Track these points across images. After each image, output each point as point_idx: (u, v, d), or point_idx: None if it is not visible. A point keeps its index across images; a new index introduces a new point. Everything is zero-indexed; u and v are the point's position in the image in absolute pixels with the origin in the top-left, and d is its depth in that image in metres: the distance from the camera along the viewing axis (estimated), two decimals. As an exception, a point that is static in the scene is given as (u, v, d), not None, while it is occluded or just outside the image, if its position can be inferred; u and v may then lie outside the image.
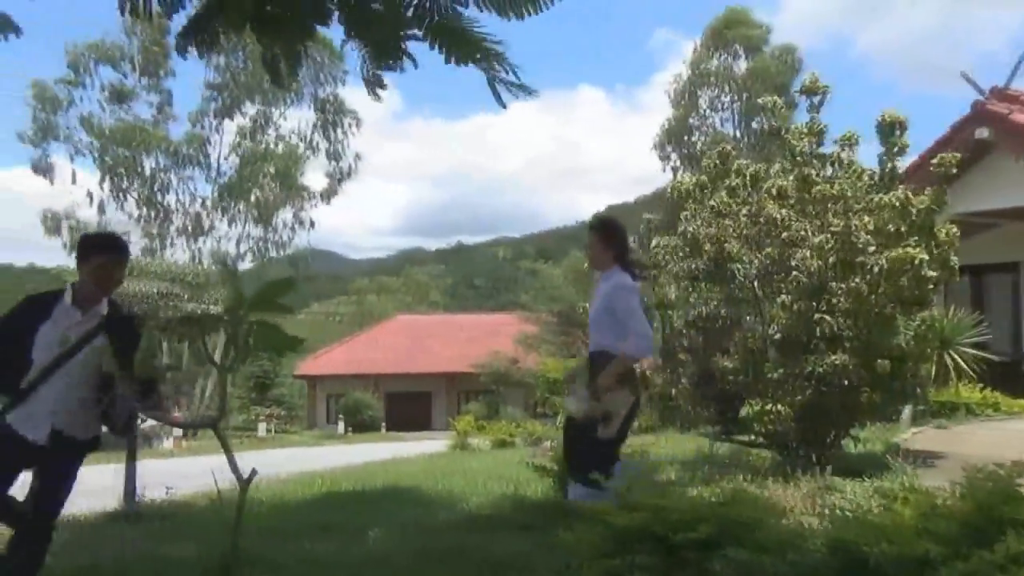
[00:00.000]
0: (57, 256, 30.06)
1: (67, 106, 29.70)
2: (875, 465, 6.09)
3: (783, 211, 6.67)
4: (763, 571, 2.53)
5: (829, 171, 6.88)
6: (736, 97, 31.35)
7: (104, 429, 3.56)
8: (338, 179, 32.92)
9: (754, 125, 29.72)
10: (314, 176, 35.73)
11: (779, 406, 6.34)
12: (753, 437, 7.26)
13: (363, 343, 37.30)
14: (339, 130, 32.04)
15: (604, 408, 3.81)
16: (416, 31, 3.08)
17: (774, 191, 6.68)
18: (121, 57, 30.18)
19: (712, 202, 6.97)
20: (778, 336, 6.52)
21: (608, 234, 4.15)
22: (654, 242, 7.55)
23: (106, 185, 30.03)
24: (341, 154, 32.31)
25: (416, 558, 3.86)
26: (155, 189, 30.46)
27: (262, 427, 28.91)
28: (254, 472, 4.08)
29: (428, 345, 36.63)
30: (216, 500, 6.13)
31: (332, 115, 31.56)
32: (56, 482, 3.47)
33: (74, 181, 29.96)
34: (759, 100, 7.80)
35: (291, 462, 11.95)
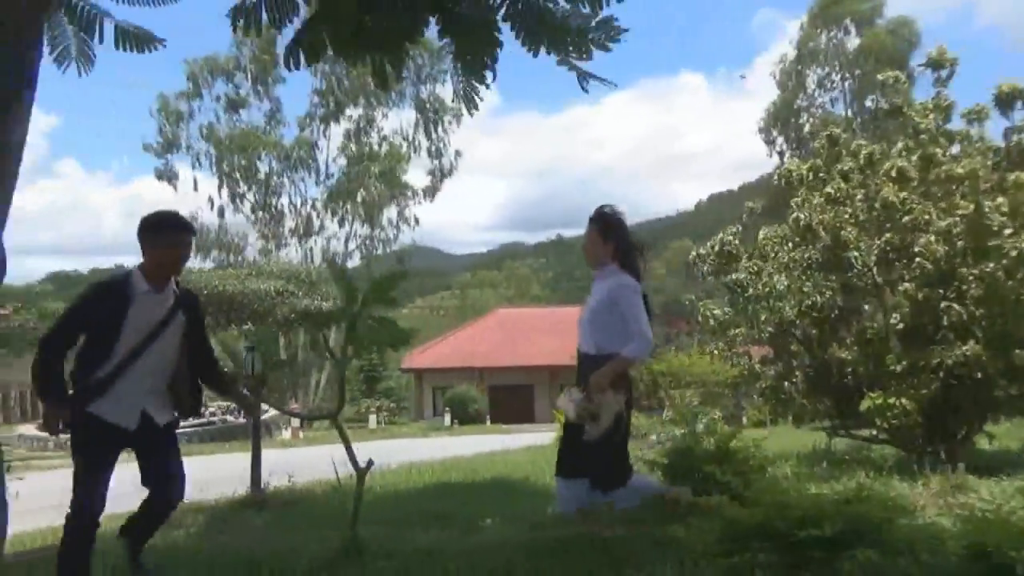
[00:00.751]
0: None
1: (187, 117, 31.61)
2: (1012, 464, 5.67)
3: (902, 194, 6.30)
4: (896, 573, 2.41)
5: (955, 149, 6.45)
6: (847, 75, 29.83)
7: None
8: (439, 177, 33.57)
9: (867, 104, 28.22)
10: (416, 174, 36.63)
11: (903, 400, 6.02)
12: (874, 432, 6.92)
13: (466, 336, 37.89)
14: (439, 128, 32.65)
15: (595, 409, 3.69)
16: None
17: (893, 173, 6.33)
18: (235, 67, 31.84)
19: (829, 189, 6.67)
20: (901, 326, 6.18)
21: (607, 229, 3.95)
22: (761, 233, 7.32)
23: (224, 191, 31.79)
24: (442, 152, 32.93)
25: (528, 550, 3.87)
26: (269, 192, 31.98)
27: (372, 419, 29.94)
28: (371, 463, 4.24)
29: (530, 338, 36.80)
30: (335, 488, 6.41)
31: (432, 114, 32.20)
32: (170, 456, 3.54)
33: (196, 188, 31.88)
34: (878, 76, 7.39)
35: (401, 453, 12.29)
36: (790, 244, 6.98)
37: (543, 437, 16.35)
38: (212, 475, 3.93)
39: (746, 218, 7.95)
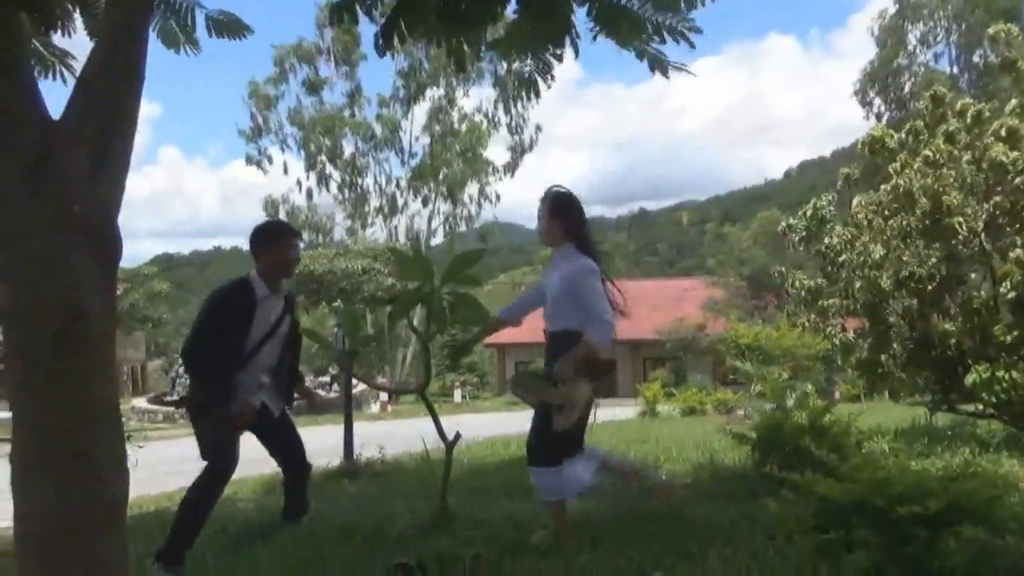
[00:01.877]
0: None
1: (275, 101, 32.59)
2: None
3: (1014, 154, 5.89)
4: (1005, 552, 2.29)
5: (1075, 104, 5.98)
6: (952, 29, 27.98)
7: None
8: (519, 152, 33.54)
9: (975, 59, 26.42)
10: (497, 151, 36.74)
11: (1013, 373, 5.68)
12: (980, 407, 6.57)
13: (548, 312, 37.93)
14: (519, 104, 32.56)
15: (563, 396, 3.49)
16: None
17: (1003, 132, 5.92)
18: (317, 52, 32.56)
19: (928, 152, 6.30)
20: (1012, 295, 5.81)
21: (557, 208, 3.75)
22: (855, 201, 6.99)
23: (312, 173, 32.72)
24: (521, 127, 32.87)
25: (615, 523, 3.89)
26: (355, 173, 32.73)
27: (457, 393, 30.48)
28: (458, 435, 4.32)
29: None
30: (424, 460, 6.58)
31: (511, 90, 32.12)
32: (288, 435, 4.08)
33: (286, 172, 32.95)
34: (987, 30, 6.87)
35: (485, 427, 12.48)
36: (887, 212, 6.64)
37: (626, 412, 16.28)
38: (306, 447, 4.15)
39: (841, 185, 7.58)
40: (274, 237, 3.87)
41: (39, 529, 1.99)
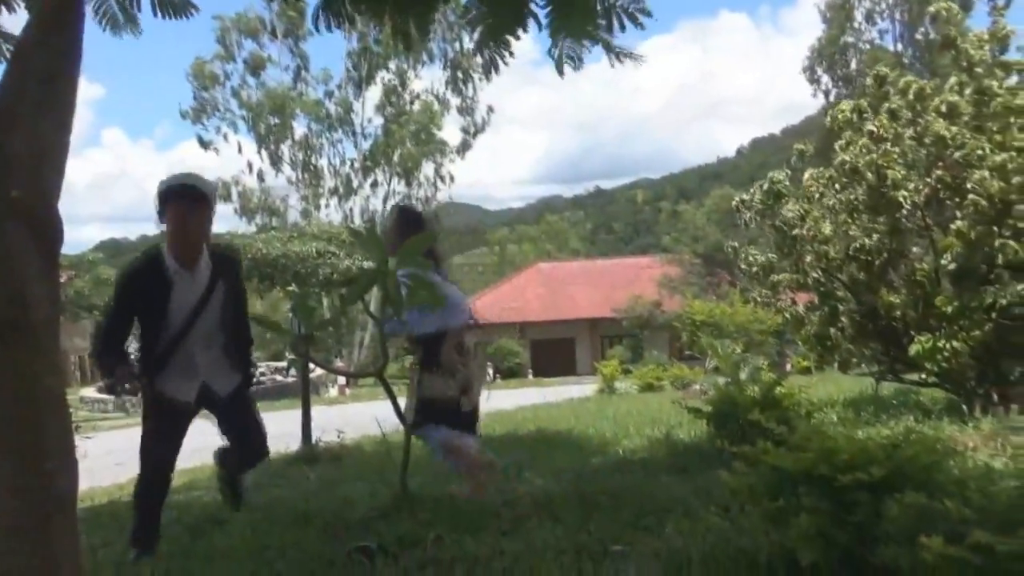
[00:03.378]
0: (230, 222, 32.58)
1: (222, 80, 31.75)
2: (1069, 405, 5.54)
3: (954, 129, 6.07)
4: (945, 517, 2.38)
5: (1013, 80, 6.16)
6: (897, 6, 28.56)
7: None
8: (472, 133, 33.36)
9: (918, 37, 27.03)
10: (450, 131, 36.44)
11: (954, 342, 5.89)
12: (923, 376, 6.80)
13: (506, 292, 38.07)
14: (469, 85, 32.32)
15: (462, 381, 3.98)
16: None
17: (943, 108, 6.08)
18: (262, 26, 31.67)
19: (871, 127, 6.45)
20: (952, 266, 6.01)
21: (405, 223, 4.12)
22: (806, 175, 7.13)
23: (263, 154, 32.06)
24: (472, 108, 32.65)
25: (574, 500, 3.94)
26: (308, 154, 32.17)
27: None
28: (418, 418, 4.32)
29: (569, 291, 36.84)
30: (382, 443, 6.56)
31: (462, 72, 31.85)
32: (242, 418, 3.70)
33: (240, 151, 32.20)
34: (929, 8, 7.03)
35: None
36: (836, 186, 6.79)
37: (584, 389, 16.53)
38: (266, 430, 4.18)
39: (795, 161, 7.71)
40: (161, 199, 3.26)
41: (-15, 523, 1.93)
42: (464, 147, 33.56)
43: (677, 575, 2.85)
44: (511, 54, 3.60)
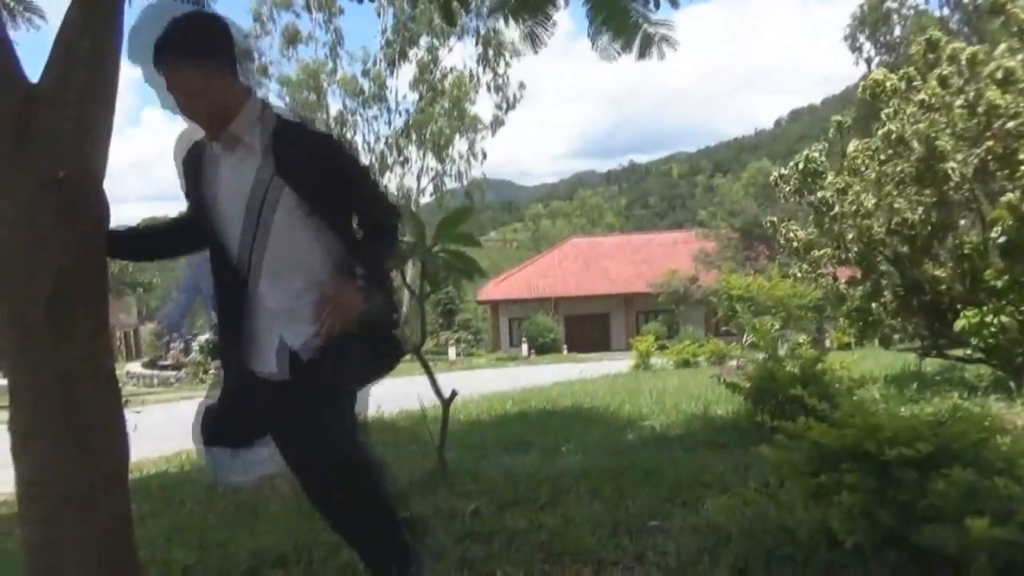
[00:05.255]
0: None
1: (256, 56, 31.89)
2: (1124, 382, 5.37)
3: (1007, 97, 5.85)
4: (994, 495, 2.33)
5: (1069, 45, 5.92)
6: (943, -31, 27.52)
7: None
8: (504, 109, 33.13)
9: (964, 0, 26.06)
10: (483, 108, 36.27)
11: (1002, 317, 5.73)
12: (968, 352, 6.65)
13: (541, 267, 38.03)
14: (502, 61, 32.05)
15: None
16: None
17: (998, 75, 5.86)
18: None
19: (923, 96, 6.25)
20: (1001, 240, 5.83)
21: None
22: (850, 147, 6.95)
23: (297, 131, 32.26)
24: (505, 85, 32.39)
25: (611, 475, 3.94)
26: (343, 130, 32.32)
27: (451, 351, 30.64)
28: (455, 393, 4.36)
29: (604, 266, 36.66)
30: (420, 418, 6.63)
31: (495, 48, 31.59)
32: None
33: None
34: (978, -30, 6.77)
35: (480, 383, 12.58)
36: (881, 158, 6.61)
37: (619, 365, 16.48)
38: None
39: (832, 133, 7.52)
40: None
41: (39, 494, 2.00)
42: (497, 123, 33.37)
43: (716, 550, 2.84)
44: (553, 23, 3.55)
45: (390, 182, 33.35)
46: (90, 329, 2.10)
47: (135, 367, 27.58)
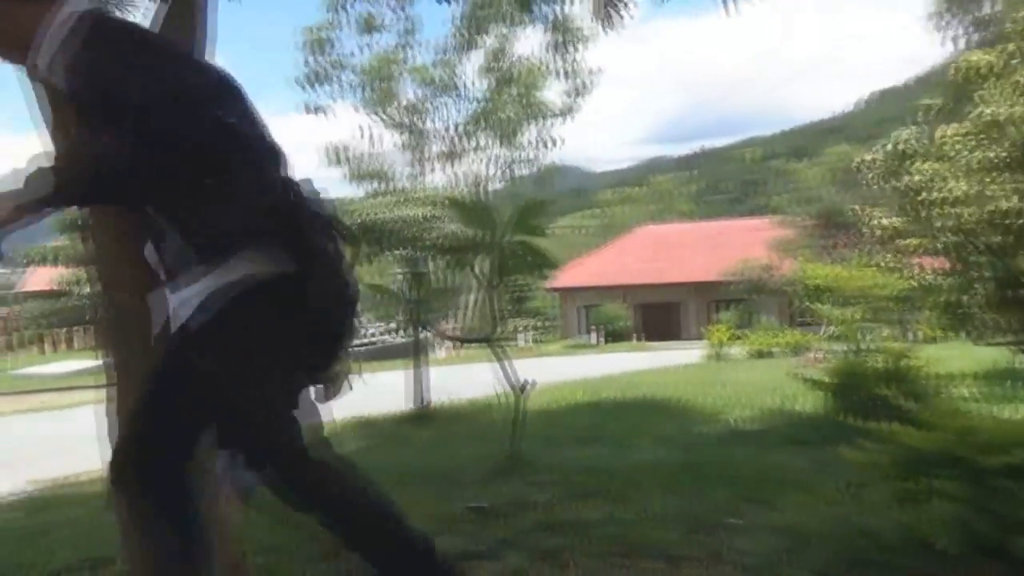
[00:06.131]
0: (340, 187, 33.66)
1: (330, 47, 32.48)
2: None
3: (1118, 77, 5.46)
4: (1102, 505, 2.20)
5: None
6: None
7: None
8: (575, 96, 32.83)
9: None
10: (553, 94, 36.04)
11: (1108, 312, 5.38)
12: (1070, 348, 6.28)
13: (611, 254, 37.74)
14: (573, 47, 31.73)
15: None
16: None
17: (1107, 53, 5.48)
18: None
19: (1017, 77, 5.90)
20: (1109, 231, 5.47)
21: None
22: (939, 132, 6.62)
23: (372, 119, 32.78)
24: (576, 71, 32.08)
25: (685, 470, 3.89)
26: (413, 118, 32.67)
27: (521, 338, 30.77)
28: (526, 383, 4.38)
29: (676, 254, 36.10)
30: (491, 406, 6.70)
31: (565, 34, 31.30)
32: None
33: (349, 117, 33.03)
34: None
35: (550, 371, 12.58)
36: (973, 143, 6.27)
37: (692, 355, 16.20)
38: (373, 391, 4.25)
39: (921, 116, 7.16)
40: None
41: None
42: (568, 110, 33.11)
43: (795, 551, 2.78)
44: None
45: (460, 169, 33.62)
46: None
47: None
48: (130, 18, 4.07)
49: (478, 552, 2.91)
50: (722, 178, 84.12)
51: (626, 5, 3.53)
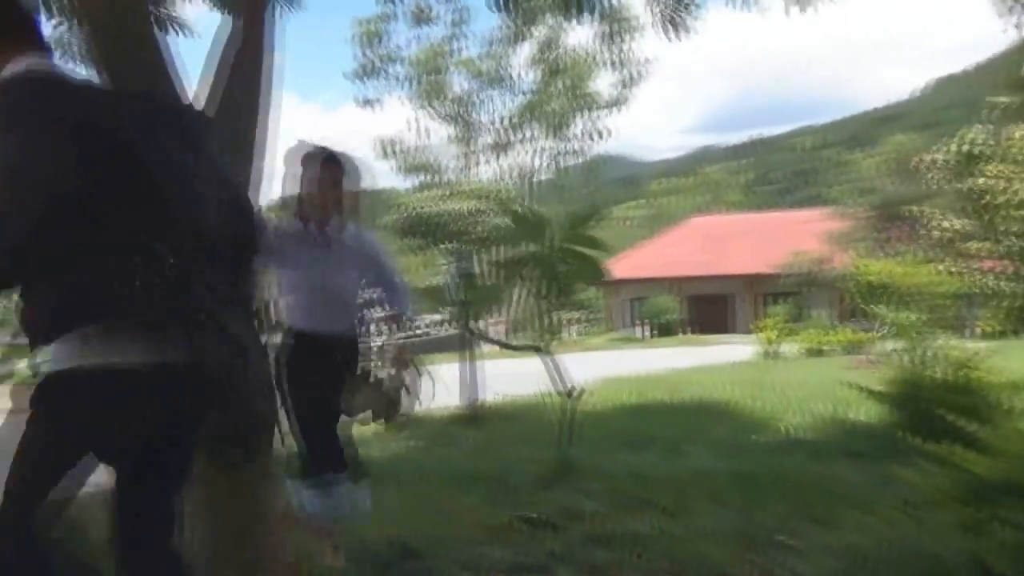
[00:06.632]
0: (389, 179, 33.98)
1: (382, 40, 32.71)
2: None
3: None
4: None
5: None
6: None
7: None
8: (625, 86, 32.47)
9: None
10: (603, 85, 35.70)
11: None
12: None
13: (660, 246, 37.34)
14: (624, 38, 31.36)
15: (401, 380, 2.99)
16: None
17: None
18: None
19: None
20: None
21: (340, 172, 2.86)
22: (1007, 133, 6.35)
23: (420, 112, 32.96)
24: (627, 61, 31.71)
25: (738, 481, 3.86)
26: (462, 111, 32.76)
27: (566, 331, 30.68)
28: (575, 389, 4.38)
29: (726, 246, 35.52)
30: (542, 404, 6.70)
31: (615, 24, 30.93)
32: None
33: (398, 110, 33.22)
34: None
35: (598, 366, 12.50)
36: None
37: (742, 351, 15.91)
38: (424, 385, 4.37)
39: (988, 114, 6.88)
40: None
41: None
42: (618, 101, 32.77)
43: (852, 573, 2.73)
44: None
45: (508, 161, 33.62)
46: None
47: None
48: (194, 30, 4.18)
49: (527, 565, 2.93)
50: (774, 168, 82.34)
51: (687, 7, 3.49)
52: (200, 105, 2.33)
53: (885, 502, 3.34)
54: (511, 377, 9.03)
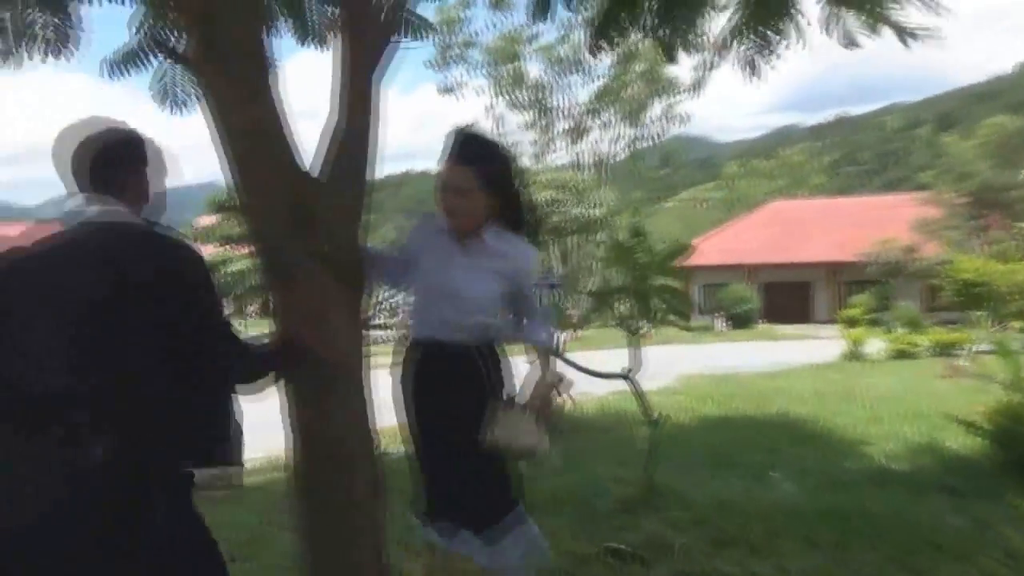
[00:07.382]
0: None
1: (460, 27, 32.84)
2: None
3: None
4: None
5: None
6: None
7: None
8: (703, 70, 31.71)
9: None
10: (680, 69, 34.96)
11: None
12: None
13: (736, 231, 36.53)
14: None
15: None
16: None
17: None
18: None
19: None
20: None
21: (496, 175, 2.50)
22: None
23: (499, 98, 33.04)
24: (704, 45, 30.96)
25: (829, 518, 3.80)
26: (539, 97, 32.68)
27: (644, 323, 30.40)
28: (658, 417, 4.39)
29: (806, 232, 34.47)
30: (622, 413, 6.67)
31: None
32: None
33: (479, 96, 33.38)
34: None
35: (675, 363, 12.43)
36: None
37: (824, 348, 15.39)
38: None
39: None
40: None
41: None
42: (696, 85, 32.04)
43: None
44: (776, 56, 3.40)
45: (584, 147, 33.44)
46: (344, 393, 2.39)
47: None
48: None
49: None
50: (858, 149, 79.06)
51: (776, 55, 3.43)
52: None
53: (985, 551, 3.25)
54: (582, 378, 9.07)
